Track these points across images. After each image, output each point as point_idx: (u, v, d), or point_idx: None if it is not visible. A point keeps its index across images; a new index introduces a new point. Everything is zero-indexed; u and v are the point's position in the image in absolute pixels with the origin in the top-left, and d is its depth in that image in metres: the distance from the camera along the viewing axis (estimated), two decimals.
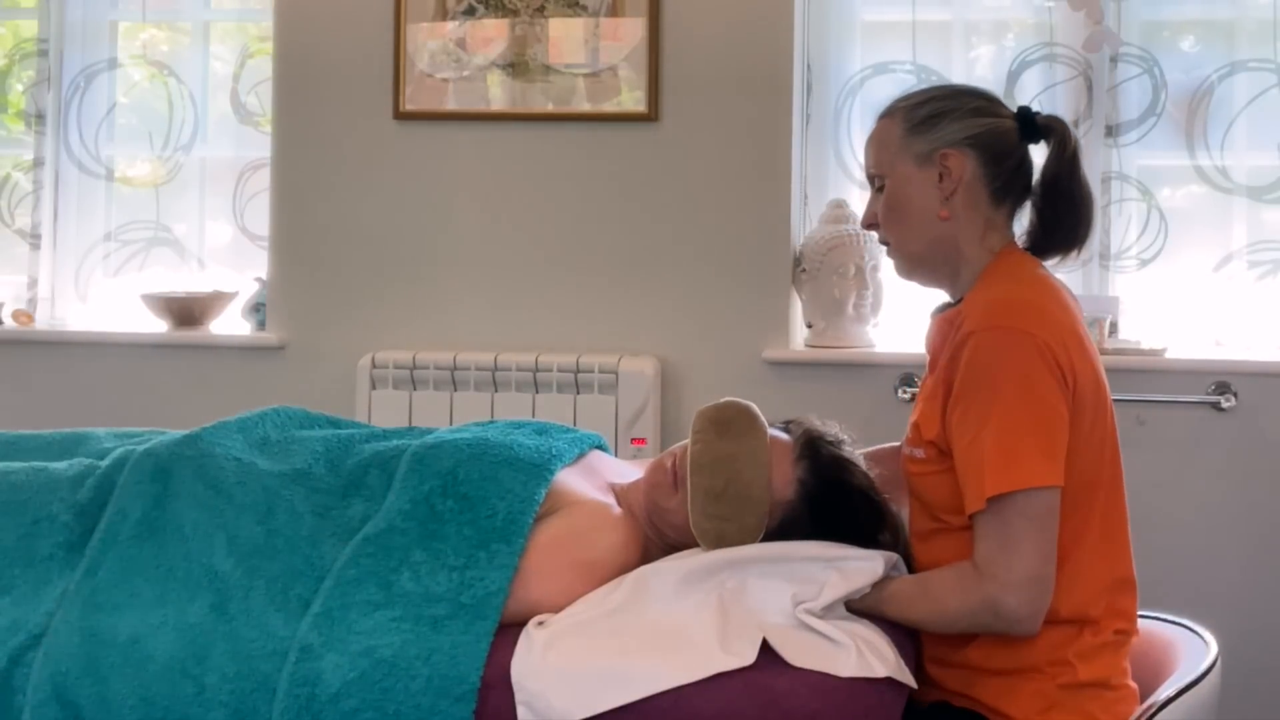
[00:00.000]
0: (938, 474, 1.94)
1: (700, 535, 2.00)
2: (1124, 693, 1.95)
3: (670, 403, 3.48)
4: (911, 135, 2.00)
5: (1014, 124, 2.01)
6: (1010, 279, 1.96)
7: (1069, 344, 1.88)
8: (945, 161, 1.98)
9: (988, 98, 2.05)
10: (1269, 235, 3.46)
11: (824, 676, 1.80)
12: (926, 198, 1.99)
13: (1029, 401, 1.83)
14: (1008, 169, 2.00)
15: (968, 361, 1.86)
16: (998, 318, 1.88)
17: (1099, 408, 1.92)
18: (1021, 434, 1.82)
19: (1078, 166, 2.00)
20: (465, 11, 3.57)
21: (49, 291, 3.89)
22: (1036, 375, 1.84)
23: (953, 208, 1.98)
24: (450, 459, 2.06)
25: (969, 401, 1.86)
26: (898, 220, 2.03)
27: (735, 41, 3.47)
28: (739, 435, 2.03)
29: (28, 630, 1.91)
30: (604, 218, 3.55)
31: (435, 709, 1.77)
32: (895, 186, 2.02)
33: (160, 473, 2.07)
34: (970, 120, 1.99)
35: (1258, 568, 3.29)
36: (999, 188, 2.00)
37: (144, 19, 3.91)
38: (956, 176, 1.98)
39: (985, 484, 1.82)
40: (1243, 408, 3.28)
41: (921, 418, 1.96)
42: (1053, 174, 2.00)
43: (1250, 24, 3.45)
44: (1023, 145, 2.02)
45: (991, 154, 1.99)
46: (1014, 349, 1.85)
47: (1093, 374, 1.91)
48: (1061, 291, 1.99)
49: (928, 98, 2.04)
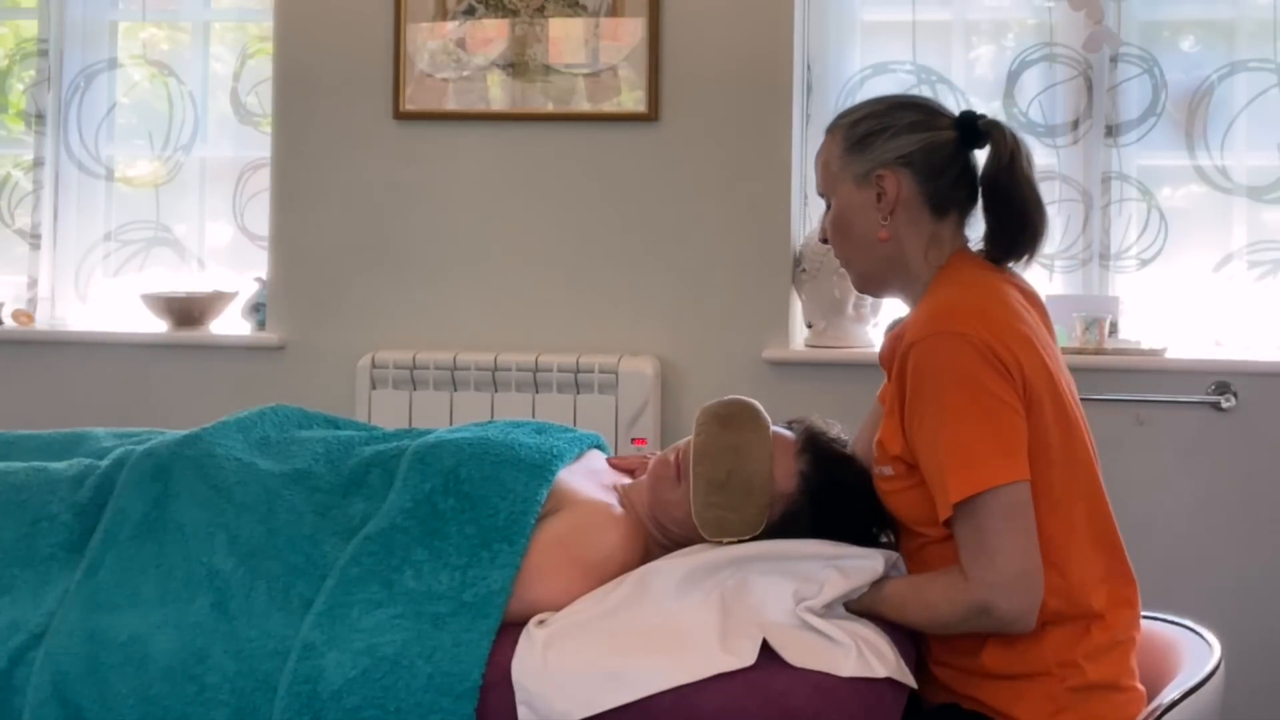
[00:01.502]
0: (908, 490, 1.94)
1: (702, 525, 2.00)
2: (1132, 695, 1.94)
3: (670, 403, 3.48)
4: (849, 155, 2.01)
5: (953, 134, 2.00)
6: (950, 285, 1.96)
7: (1010, 341, 1.87)
8: (881, 182, 1.98)
9: (926, 109, 2.03)
10: (1269, 235, 3.46)
11: (824, 676, 1.80)
12: (867, 218, 2.00)
13: (977, 401, 1.83)
14: (946, 182, 1.99)
15: (912, 372, 1.87)
16: (933, 325, 1.88)
17: (1057, 403, 1.91)
18: (975, 435, 1.82)
19: (1018, 169, 1.98)
20: (465, 11, 3.58)
21: (49, 291, 3.89)
22: (980, 374, 1.83)
23: (892, 227, 1.98)
24: (452, 458, 2.06)
25: (921, 413, 1.86)
26: (843, 240, 2.04)
27: (735, 41, 3.47)
28: (742, 428, 2.05)
29: (28, 630, 1.91)
30: (604, 218, 3.55)
31: (436, 706, 1.77)
32: (839, 207, 2.03)
33: (160, 472, 2.07)
34: (905, 137, 1.98)
35: (1258, 568, 3.29)
36: (938, 203, 1.99)
37: (144, 19, 3.91)
38: (893, 196, 1.98)
39: (949, 490, 1.83)
40: (1243, 408, 3.28)
41: (884, 434, 1.96)
42: (991, 178, 1.99)
43: (1250, 24, 3.46)
44: (963, 154, 2.01)
45: (928, 170, 1.98)
46: (953, 353, 1.85)
47: (1043, 368, 1.90)
48: (1006, 292, 1.97)
49: (866, 114, 2.03)
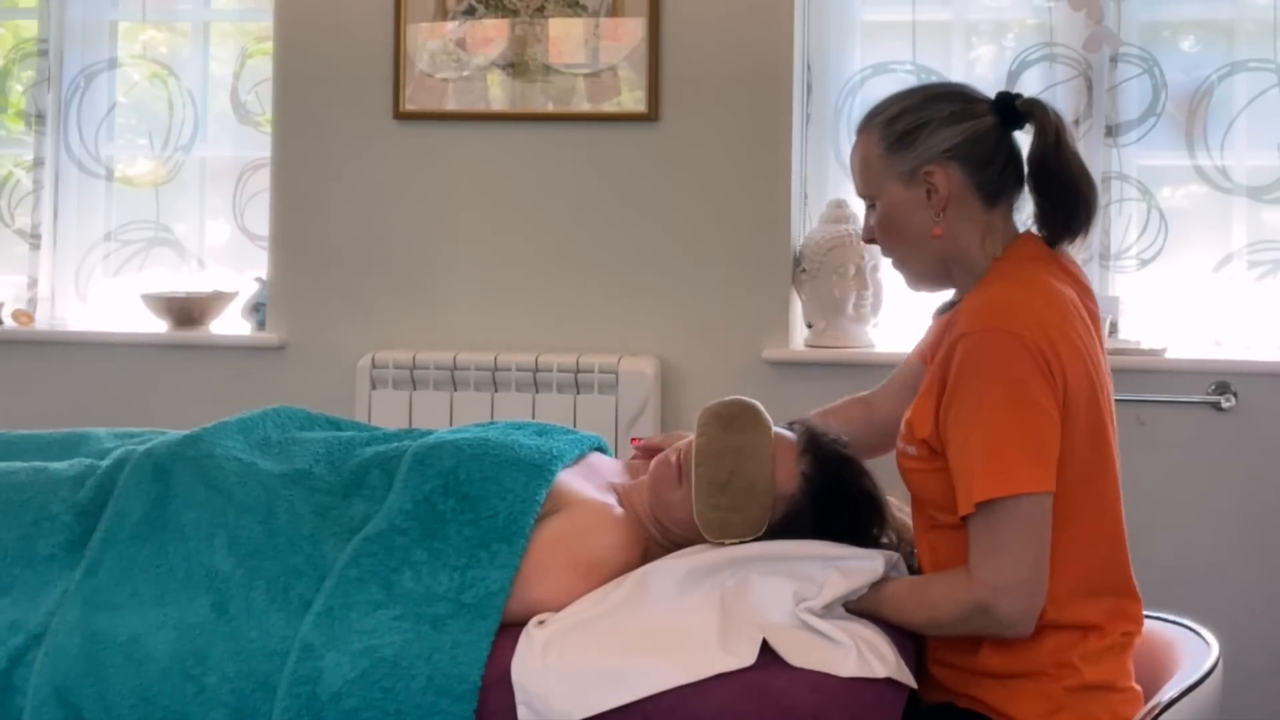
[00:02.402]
0: (929, 472, 1.93)
1: (704, 526, 2.00)
2: (1129, 695, 1.94)
3: (670, 403, 3.48)
4: (892, 154, 1.97)
5: (993, 119, 1.97)
6: (1005, 280, 1.94)
7: (1061, 347, 1.86)
8: (930, 178, 1.95)
9: (962, 97, 2.00)
10: (1269, 235, 3.46)
11: (824, 677, 1.80)
12: (919, 216, 1.97)
13: (1018, 405, 1.82)
14: (995, 170, 1.97)
15: (959, 364, 1.86)
16: (988, 319, 1.87)
17: (1094, 410, 1.90)
18: (1010, 439, 1.82)
19: (1064, 145, 1.96)
20: (465, 11, 3.58)
21: (49, 291, 3.88)
22: (1026, 378, 1.83)
23: (946, 223, 1.96)
24: (451, 458, 2.06)
25: (960, 404, 1.85)
26: (896, 241, 2.02)
27: (735, 41, 3.47)
28: (744, 429, 2.04)
29: (28, 630, 1.91)
30: (604, 218, 3.55)
31: (436, 708, 1.77)
32: (886, 208, 2.00)
33: (160, 473, 2.07)
34: (949, 129, 1.95)
35: (1258, 568, 3.29)
36: (989, 192, 1.97)
37: (144, 19, 3.91)
38: (944, 192, 1.95)
39: (974, 489, 1.82)
40: (1243, 408, 3.28)
41: (915, 415, 1.95)
42: (1039, 158, 1.96)
43: (1250, 24, 3.46)
44: (1006, 138, 1.99)
45: (976, 161, 1.96)
46: (1003, 351, 1.83)
47: (1086, 377, 1.89)
48: (1061, 292, 1.95)
49: (901, 109, 1.99)
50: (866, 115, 2.04)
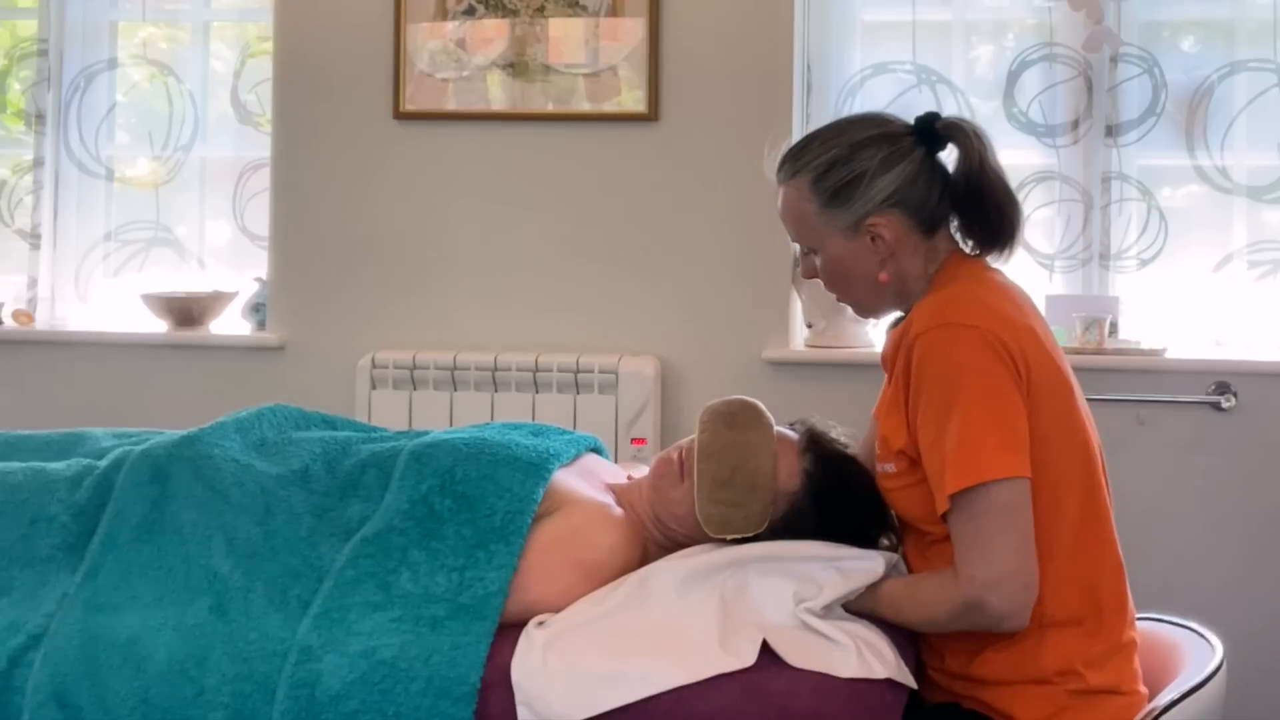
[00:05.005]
0: (911, 487, 1.92)
1: (705, 522, 2.00)
2: (1135, 698, 1.93)
3: (670, 403, 3.48)
4: (829, 209, 1.96)
5: (920, 151, 1.96)
6: (953, 280, 1.95)
7: (1019, 335, 1.86)
8: (874, 229, 1.95)
9: (884, 134, 1.96)
10: (1269, 235, 3.46)
11: (824, 677, 1.80)
12: (865, 264, 1.97)
13: (983, 394, 1.82)
14: (933, 201, 1.97)
15: (918, 363, 1.86)
16: (940, 316, 1.87)
17: (1062, 399, 1.90)
18: (979, 428, 1.81)
19: (988, 167, 1.95)
20: (465, 11, 3.57)
21: (49, 291, 3.89)
22: (987, 367, 1.82)
23: (892, 265, 1.97)
24: (448, 458, 2.06)
25: (926, 404, 1.85)
26: (845, 288, 2.02)
27: (735, 42, 3.47)
28: (746, 427, 2.05)
29: (27, 631, 1.91)
30: (604, 218, 3.55)
31: (435, 710, 1.77)
32: (830, 260, 1.99)
33: (158, 474, 2.07)
34: (885, 177, 1.94)
35: (1258, 568, 3.29)
36: (929, 223, 1.97)
37: (144, 19, 3.91)
38: (890, 239, 1.95)
39: (947, 482, 1.81)
40: (1243, 408, 3.28)
41: (887, 430, 1.94)
42: (964, 181, 1.96)
43: (1250, 24, 3.46)
44: (936, 165, 1.98)
45: (915, 202, 1.95)
46: (961, 344, 1.84)
47: (1051, 364, 1.89)
48: (1009, 288, 1.97)
49: (830, 162, 1.95)
50: (788, 162, 2.01)
